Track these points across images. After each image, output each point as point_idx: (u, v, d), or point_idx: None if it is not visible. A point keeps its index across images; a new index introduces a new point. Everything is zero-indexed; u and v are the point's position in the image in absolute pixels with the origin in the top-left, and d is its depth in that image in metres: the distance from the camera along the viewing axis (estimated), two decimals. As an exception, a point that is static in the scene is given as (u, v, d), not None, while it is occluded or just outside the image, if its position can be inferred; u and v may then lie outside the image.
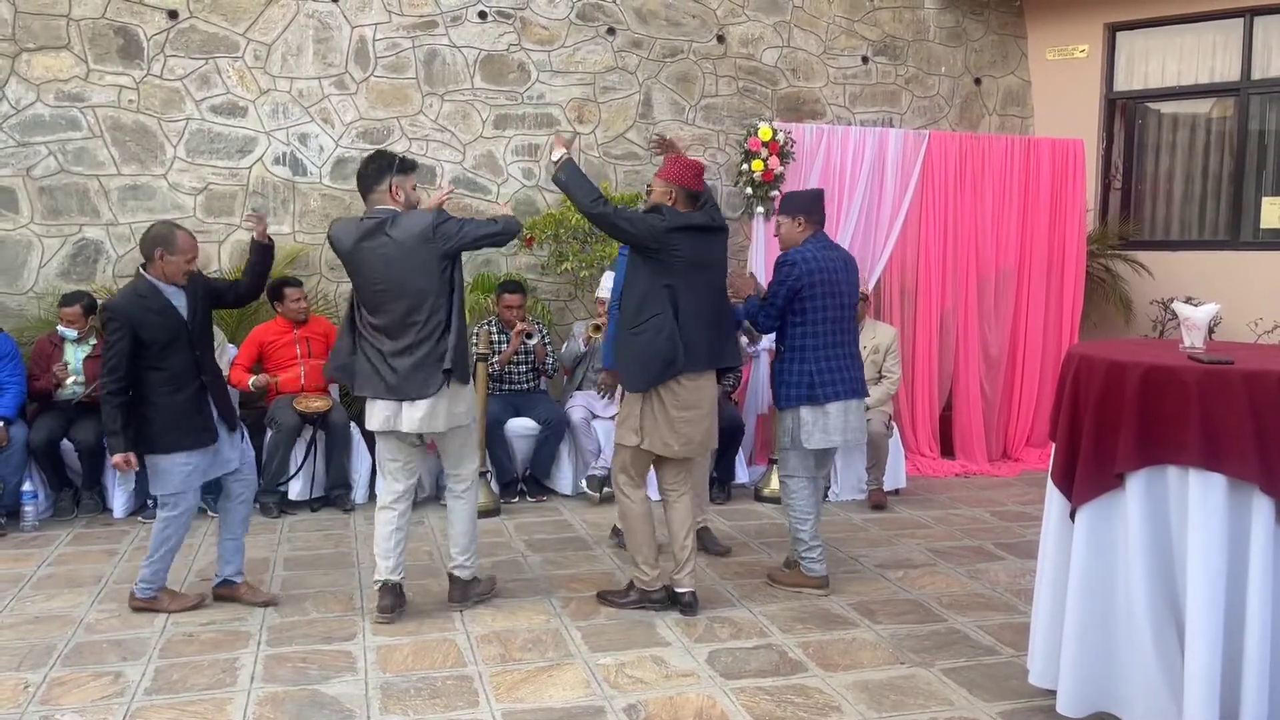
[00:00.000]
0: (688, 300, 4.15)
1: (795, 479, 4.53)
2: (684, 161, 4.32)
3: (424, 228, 4.02)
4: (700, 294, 4.19)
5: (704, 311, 4.20)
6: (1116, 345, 3.56)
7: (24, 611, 4.31)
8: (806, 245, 4.49)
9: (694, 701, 3.48)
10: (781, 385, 4.48)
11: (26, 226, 6.27)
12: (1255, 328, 7.22)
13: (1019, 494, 6.51)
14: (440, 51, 6.96)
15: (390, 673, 3.70)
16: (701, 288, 4.20)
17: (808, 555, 4.56)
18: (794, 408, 4.44)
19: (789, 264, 4.43)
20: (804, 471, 4.53)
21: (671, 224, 4.13)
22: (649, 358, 4.11)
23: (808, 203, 4.62)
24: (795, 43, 7.80)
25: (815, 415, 4.42)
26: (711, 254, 4.28)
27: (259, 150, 6.65)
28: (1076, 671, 3.11)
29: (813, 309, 4.41)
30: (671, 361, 4.10)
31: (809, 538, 4.53)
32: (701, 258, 4.20)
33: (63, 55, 6.26)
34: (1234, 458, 2.81)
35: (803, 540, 4.55)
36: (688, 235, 4.16)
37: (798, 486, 4.53)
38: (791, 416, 4.46)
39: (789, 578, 4.67)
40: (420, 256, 4.01)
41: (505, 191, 7.11)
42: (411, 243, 4.01)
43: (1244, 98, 7.63)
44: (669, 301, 4.12)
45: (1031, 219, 7.24)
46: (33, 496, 5.53)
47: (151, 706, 3.43)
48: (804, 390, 4.41)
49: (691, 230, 4.17)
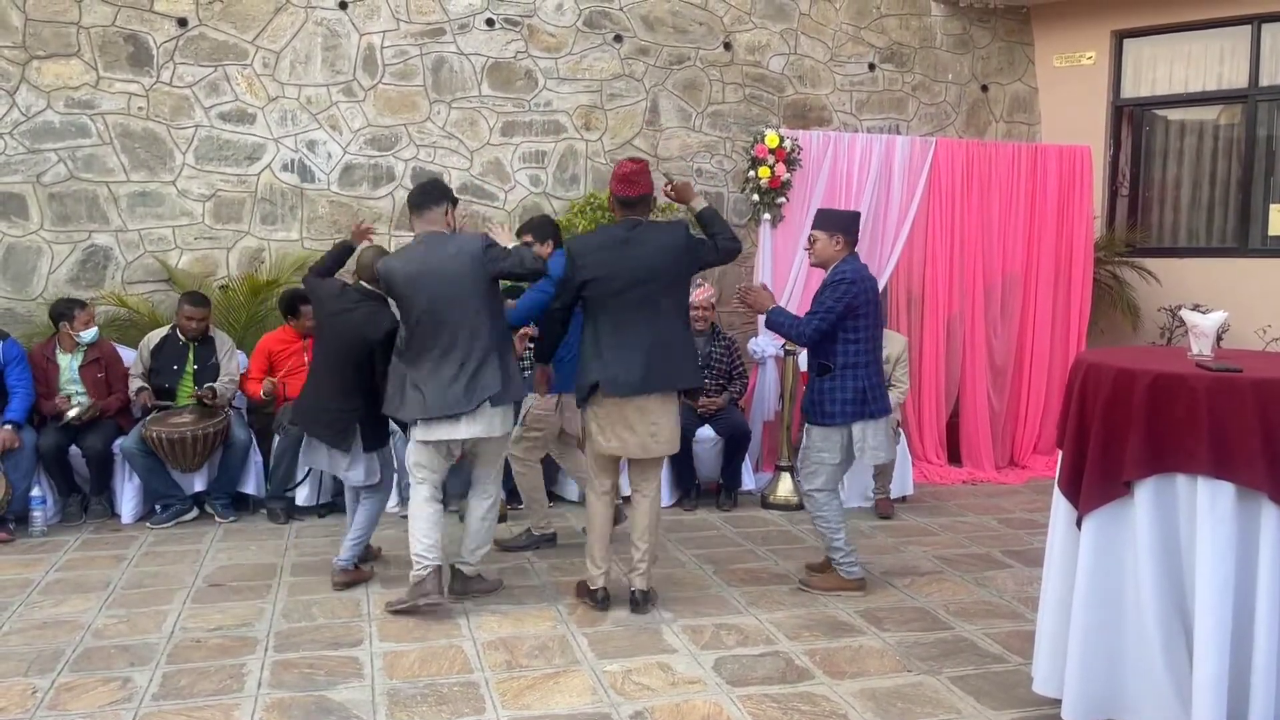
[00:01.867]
0: (611, 328, 4.28)
1: (825, 493, 4.61)
2: (617, 168, 4.43)
3: (477, 249, 4.33)
4: (630, 318, 4.26)
5: (633, 338, 4.25)
6: (1124, 353, 3.56)
7: (32, 617, 4.32)
8: (854, 264, 4.58)
9: (700, 708, 3.48)
10: (833, 402, 4.51)
11: (36, 233, 6.30)
12: (1263, 335, 7.20)
13: (1026, 501, 6.50)
14: (448, 59, 6.98)
15: (397, 679, 3.70)
16: (631, 312, 4.26)
17: (846, 561, 4.65)
18: (847, 424, 4.52)
19: (848, 281, 4.48)
20: (833, 485, 4.63)
21: (574, 275, 4.29)
22: (580, 383, 4.38)
23: (847, 223, 4.68)
24: (802, 50, 7.81)
25: (867, 430, 4.54)
26: (636, 274, 4.26)
27: (267, 157, 6.68)
28: (1082, 679, 3.10)
29: (865, 327, 4.52)
30: (594, 387, 4.27)
31: (845, 544, 4.64)
32: (623, 284, 4.24)
33: (73, 63, 6.30)
34: (1243, 466, 2.81)
35: (840, 549, 4.64)
36: (599, 265, 4.25)
37: (827, 499, 4.61)
38: (842, 433, 4.54)
39: (825, 582, 4.73)
40: (475, 274, 4.30)
41: (513, 198, 7.13)
42: (468, 262, 4.29)
43: (1251, 104, 7.62)
44: (592, 330, 4.33)
45: (1038, 226, 7.23)
46: (41, 502, 5.54)
47: (159, 712, 3.44)
48: (858, 406, 4.50)
49: (603, 257, 4.26)
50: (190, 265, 6.55)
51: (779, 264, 6.65)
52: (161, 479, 5.71)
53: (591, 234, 4.48)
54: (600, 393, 4.26)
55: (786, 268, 6.66)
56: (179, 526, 5.68)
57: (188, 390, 5.90)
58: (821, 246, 4.61)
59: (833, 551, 4.67)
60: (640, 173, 4.37)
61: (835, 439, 4.55)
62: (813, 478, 4.61)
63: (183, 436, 5.55)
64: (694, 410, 6.22)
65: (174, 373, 5.89)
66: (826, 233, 4.61)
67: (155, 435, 5.55)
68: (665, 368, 4.29)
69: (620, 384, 4.22)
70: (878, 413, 4.54)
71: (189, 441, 5.58)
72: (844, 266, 4.54)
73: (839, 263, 4.57)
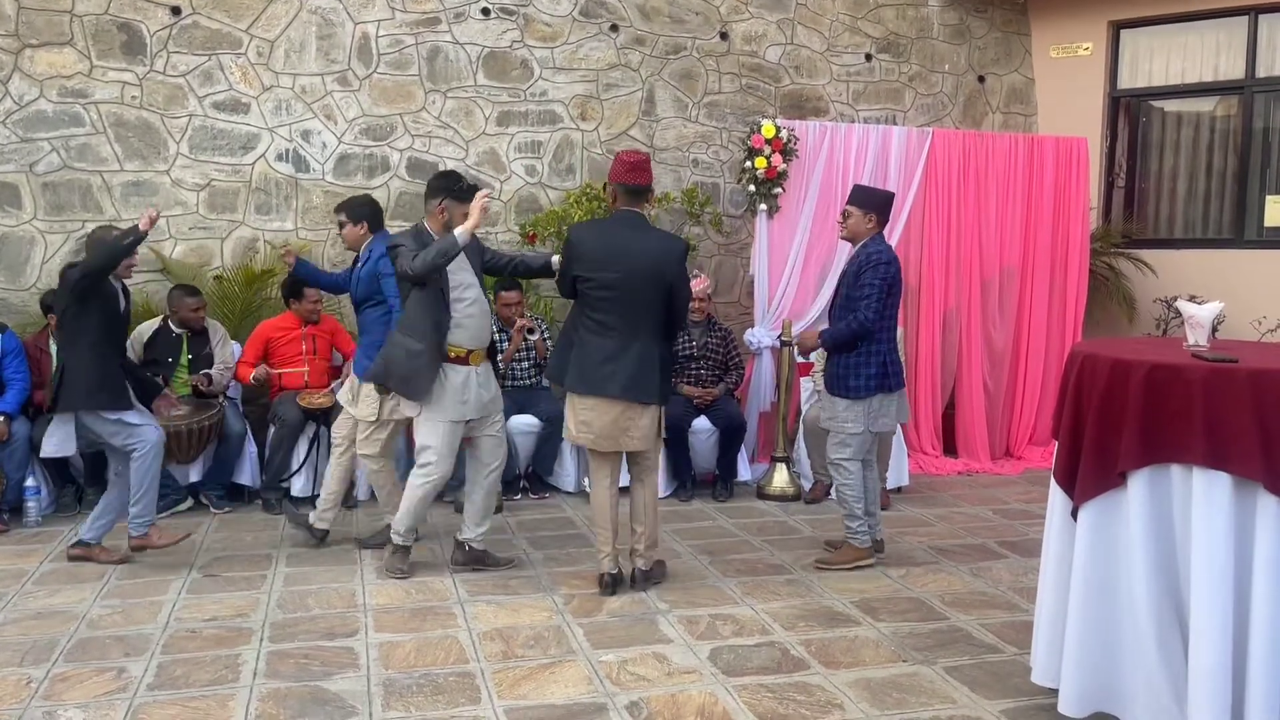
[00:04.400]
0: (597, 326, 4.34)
1: (854, 462, 4.80)
2: (621, 156, 4.45)
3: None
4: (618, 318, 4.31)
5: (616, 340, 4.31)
6: (1120, 344, 3.56)
7: (27, 607, 4.31)
8: (882, 244, 4.82)
9: (696, 699, 3.48)
10: (858, 376, 4.75)
11: (30, 222, 6.27)
12: (1259, 326, 7.21)
13: (1022, 492, 6.51)
14: (443, 48, 6.95)
15: (393, 669, 3.70)
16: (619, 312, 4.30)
17: (861, 529, 4.85)
18: (870, 396, 4.75)
19: (886, 263, 4.72)
20: (861, 454, 4.82)
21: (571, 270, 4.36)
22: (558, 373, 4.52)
23: (882, 203, 4.91)
24: (799, 40, 7.79)
25: (885, 402, 4.80)
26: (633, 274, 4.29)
27: (262, 147, 6.65)
28: (1078, 671, 3.10)
29: (891, 305, 4.81)
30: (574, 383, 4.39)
31: (864, 512, 4.84)
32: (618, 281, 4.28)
33: (66, 51, 6.26)
34: (1238, 456, 2.81)
35: (858, 515, 4.83)
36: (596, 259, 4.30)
37: (856, 468, 4.81)
38: (866, 404, 4.76)
39: (842, 556, 4.88)
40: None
41: (508, 189, 7.11)
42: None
43: (1248, 96, 7.62)
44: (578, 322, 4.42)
45: (1035, 217, 7.22)
46: (36, 492, 5.54)
47: (154, 702, 3.44)
48: (880, 380, 4.75)
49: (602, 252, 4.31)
50: (185, 255, 6.53)
51: (775, 254, 6.65)
52: (156, 470, 5.70)
53: (594, 224, 4.51)
54: (574, 389, 4.38)
55: (782, 258, 6.66)
56: (174, 517, 5.66)
57: (182, 381, 5.89)
58: (855, 222, 4.83)
59: (850, 519, 4.85)
60: (648, 163, 4.48)
61: (859, 410, 4.77)
62: (842, 448, 4.81)
63: (178, 430, 5.54)
64: (690, 401, 6.22)
65: (168, 364, 5.88)
66: (862, 210, 4.82)
67: (150, 426, 5.54)
68: (641, 377, 4.32)
69: (593, 385, 4.32)
70: (895, 385, 4.82)
71: (184, 434, 5.56)
72: (876, 247, 4.78)
73: (868, 242, 4.80)
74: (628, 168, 4.38)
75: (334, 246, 6.78)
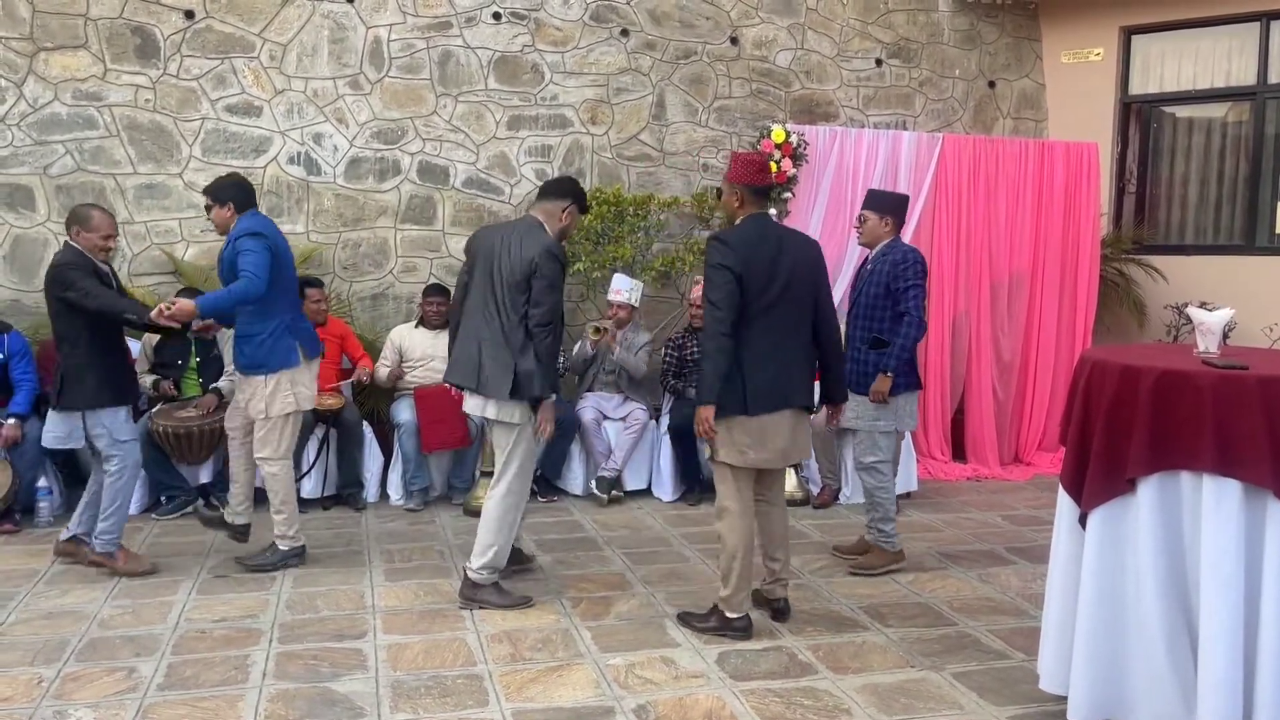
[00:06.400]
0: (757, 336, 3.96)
1: (888, 463, 4.84)
2: (745, 157, 4.13)
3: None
4: (776, 325, 3.97)
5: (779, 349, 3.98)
6: (1130, 350, 3.55)
7: (38, 607, 4.34)
8: (904, 245, 4.85)
9: (704, 703, 3.48)
10: (899, 374, 4.74)
11: (43, 224, 6.31)
12: (1270, 333, 7.18)
13: (1030, 498, 6.49)
14: (454, 52, 6.98)
15: (401, 671, 3.72)
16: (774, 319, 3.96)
17: (894, 534, 4.85)
18: (898, 394, 4.75)
19: (918, 263, 4.76)
20: (890, 454, 4.86)
21: (729, 262, 3.91)
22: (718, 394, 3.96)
23: (897, 205, 4.93)
24: (809, 45, 7.79)
25: (909, 400, 4.85)
26: (785, 286, 3.96)
27: (274, 150, 6.68)
28: (1087, 678, 3.10)
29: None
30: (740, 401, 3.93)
31: (894, 515, 4.86)
32: (772, 289, 3.95)
33: (80, 54, 6.31)
34: (1248, 463, 2.80)
35: (892, 519, 4.84)
36: (753, 261, 3.92)
37: (889, 470, 4.85)
38: (894, 403, 4.76)
39: (877, 560, 4.86)
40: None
41: (518, 193, 7.13)
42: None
43: (1260, 102, 7.59)
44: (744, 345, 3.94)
45: (1045, 222, 7.22)
46: (47, 493, 5.57)
47: (164, 702, 3.45)
48: (907, 378, 4.79)
49: (753, 257, 3.93)
50: (196, 258, 6.56)
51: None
52: (167, 471, 5.73)
53: (743, 233, 4.00)
54: (748, 407, 3.93)
55: (792, 263, 6.65)
56: (184, 518, 5.69)
57: (192, 383, 5.91)
58: (872, 226, 4.84)
59: (884, 523, 4.84)
60: (769, 163, 4.41)
61: (889, 409, 4.78)
62: (874, 449, 4.79)
63: (189, 430, 5.57)
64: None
65: (178, 367, 5.91)
66: (877, 214, 4.83)
67: (161, 429, 5.57)
68: (804, 383, 4.08)
69: (764, 399, 3.94)
70: (915, 385, 4.85)
71: (195, 435, 5.60)
72: (901, 247, 4.82)
73: (890, 243, 4.82)
74: (756, 168, 4.06)
75: (344, 249, 6.81)
